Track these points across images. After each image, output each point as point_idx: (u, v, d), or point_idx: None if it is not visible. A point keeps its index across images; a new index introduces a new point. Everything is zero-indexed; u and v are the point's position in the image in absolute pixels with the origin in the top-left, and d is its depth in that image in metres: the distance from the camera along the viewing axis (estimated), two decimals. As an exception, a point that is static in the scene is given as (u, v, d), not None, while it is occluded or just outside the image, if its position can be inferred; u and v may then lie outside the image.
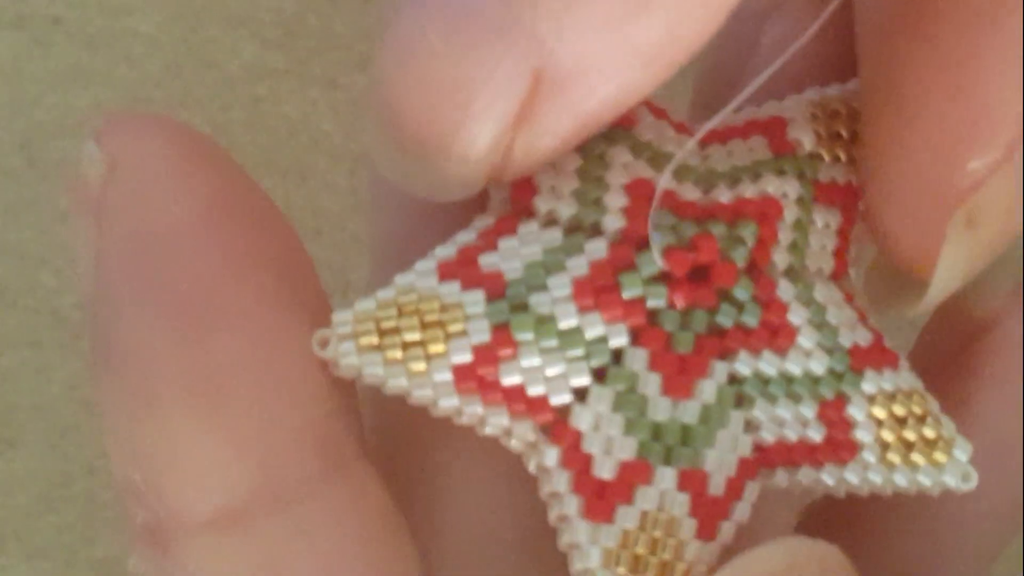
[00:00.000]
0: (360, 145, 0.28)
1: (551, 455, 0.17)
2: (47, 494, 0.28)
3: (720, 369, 0.17)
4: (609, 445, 0.17)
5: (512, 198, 0.17)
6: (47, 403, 0.28)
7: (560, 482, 0.17)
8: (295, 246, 0.17)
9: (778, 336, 0.17)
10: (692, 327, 0.17)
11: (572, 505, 0.17)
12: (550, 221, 0.17)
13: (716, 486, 0.17)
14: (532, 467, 0.17)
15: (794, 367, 0.17)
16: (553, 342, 0.16)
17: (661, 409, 0.17)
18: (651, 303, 0.17)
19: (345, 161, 0.28)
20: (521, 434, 0.17)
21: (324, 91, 0.28)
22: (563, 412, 0.17)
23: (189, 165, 0.16)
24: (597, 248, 0.17)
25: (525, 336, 0.16)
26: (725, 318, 0.17)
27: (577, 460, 0.17)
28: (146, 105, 0.28)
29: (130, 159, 0.16)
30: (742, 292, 0.17)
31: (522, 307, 0.16)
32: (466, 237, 0.17)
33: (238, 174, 0.17)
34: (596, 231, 0.17)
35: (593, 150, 0.17)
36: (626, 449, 0.17)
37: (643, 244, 0.17)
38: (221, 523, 0.16)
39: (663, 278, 0.17)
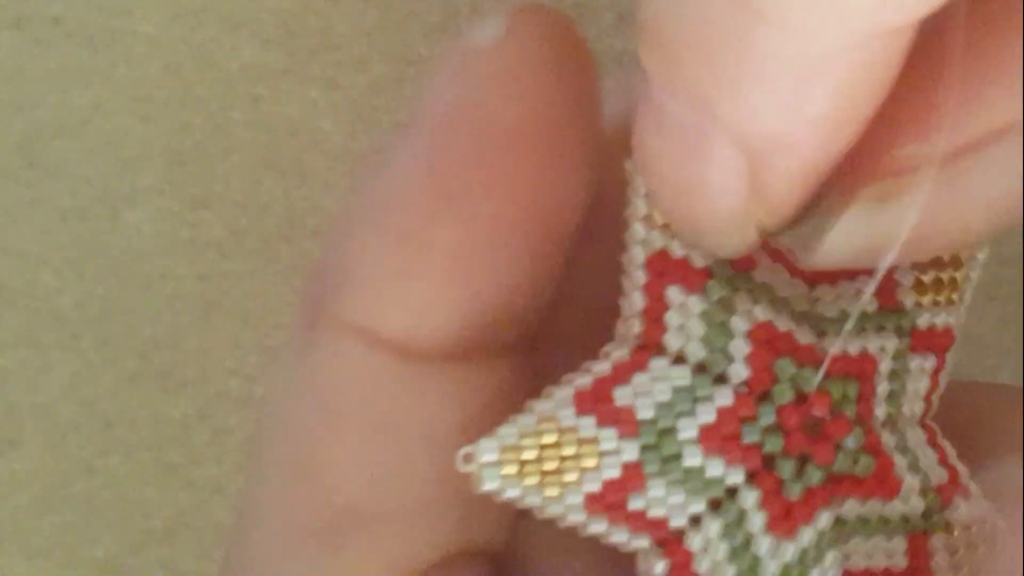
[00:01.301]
0: (360, 145, 0.28)
1: (660, 566, 0.18)
2: (47, 494, 0.28)
3: (825, 517, 0.19)
4: (714, 569, 0.18)
5: (643, 334, 0.19)
6: (47, 403, 0.28)
7: None
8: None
9: (885, 485, 0.19)
10: (805, 480, 0.18)
11: None
12: (679, 359, 0.19)
13: None
14: (641, 571, 0.19)
15: (895, 511, 0.19)
16: (678, 476, 0.18)
17: (763, 545, 0.18)
18: (767, 449, 0.18)
19: (345, 161, 0.28)
20: (638, 544, 0.19)
21: (324, 91, 0.28)
22: (677, 534, 0.18)
23: (555, 72, 0.18)
24: (723, 396, 0.18)
25: (652, 470, 0.18)
26: (840, 470, 0.19)
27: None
28: (146, 105, 0.28)
29: (519, 41, 0.18)
30: (854, 442, 0.19)
31: (652, 447, 0.18)
32: (601, 368, 0.18)
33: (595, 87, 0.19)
34: (722, 378, 0.18)
35: (715, 294, 0.19)
36: (728, 574, 0.18)
37: (764, 394, 0.18)
38: (368, 340, 0.18)
39: (779, 427, 0.18)
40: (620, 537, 0.18)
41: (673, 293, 0.19)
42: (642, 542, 0.18)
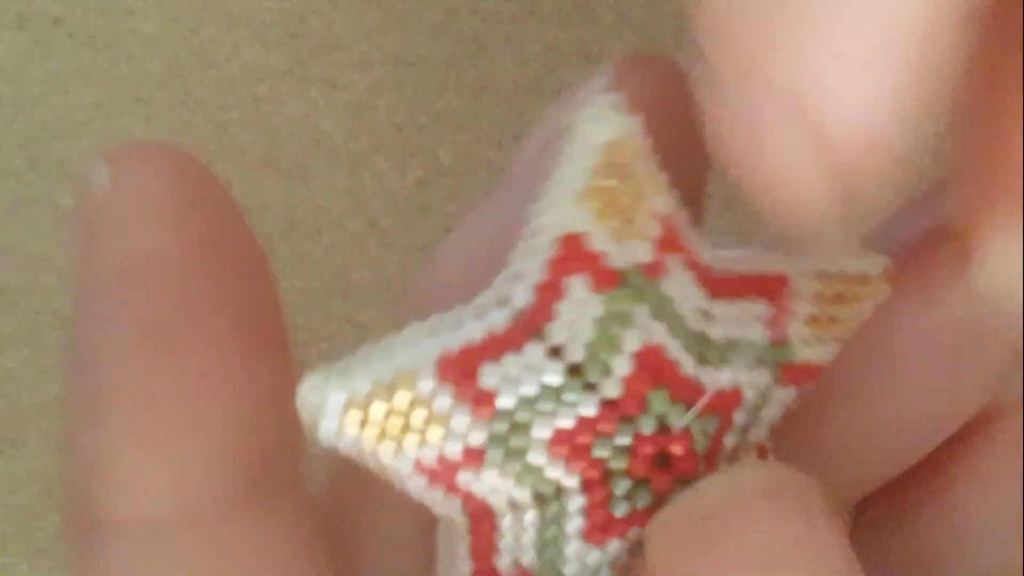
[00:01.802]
0: (360, 145, 0.28)
1: (463, 539, 0.18)
2: (47, 494, 0.28)
3: (636, 532, 0.18)
4: (515, 549, 0.18)
5: (527, 312, 0.17)
6: (48, 403, 0.28)
7: (461, 548, 0.18)
8: (269, 296, 0.18)
9: None
10: (634, 501, 0.18)
11: (463, 568, 0.18)
12: (555, 351, 0.17)
13: None
14: (441, 532, 0.19)
15: None
16: (515, 469, 0.17)
17: (571, 546, 0.18)
18: (610, 465, 0.18)
19: (345, 161, 0.28)
20: (448, 510, 0.18)
21: (324, 91, 0.28)
22: (492, 513, 0.18)
23: (186, 200, 0.17)
24: (588, 406, 0.17)
25: (492, 459, 0.17)
26: (669, 497, 0.18)
27: (486, 545, 0.18)
28: (146, 105, 0.28)
29: (133, 182, 0.17)
30: (693, 479, 0.18)
31: (500, 438, 0.17)
32: (472, 331, 0.17)
33: (233, 217, 0.18)
34: (591, 386, 0.17)
35: (618, 304, 0.17)
36: (530, 561, 0.18)
37: (627, 416, 0.17)
38: (140, 529, 0.17)
39: (630, 449, 0.18)
40: (434, 497, 0.18)
41: (575, 284, 0.17)
42: (453, 509, 0.18)
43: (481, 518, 0.18)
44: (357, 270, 0.28)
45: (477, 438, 0.17)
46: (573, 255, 0.17)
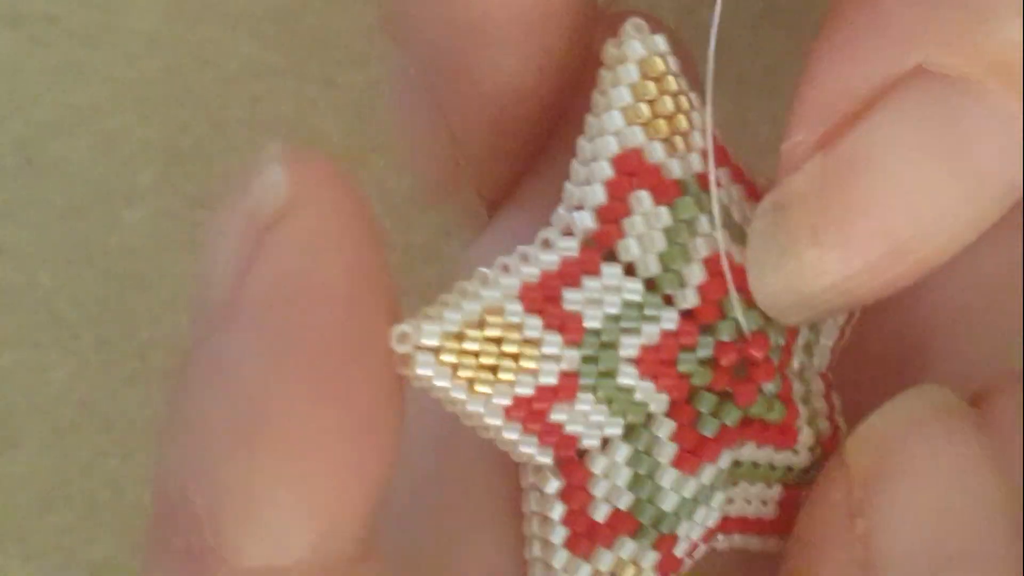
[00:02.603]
0: (358, 144, 0.28)
1: (554, 484, 0.18)
2: (46, 494, 0.28)
3: (727, 456, 0.18)
4: (611, 493, 0.18)
5: (597, 234, 0.18)
6: (46, 403, 0.28)
7: (555, 511, 0.18)
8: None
9: (786, 435, 0.19)
10: (722, 416, 0.18)
11: (559, 535, 0.18)
12: (629, 270, 0.18)
13: (681, 549, 0.18)
14: (526, 484, 0.18)
15: (783, 460, 0.19)
16: (607, 394, 0.17)
17: (667, 477, 0.18)
18: (694, 381, 0.18)
19: (345, 161, 0.28)
20: (541, 460, 0.18)
21: (322, 90, 0.28)
22: (580, 453, 0.18)
23: (358, 229, 0.16)
24: (669, 319, 0.18)
25: (586, 383, 0.17)
26: (754, 413, 0.18)
27: (578, 498, 0.18)
28: (144, 104, 0.28)
29: (312, 199, 0.16)
30: (773, 388, 0.18)
31: (591, 360, 0.17)
32: (548, 260, 0.17)
33: (380, 247, 0.17)
34: (668, 300, 0.18)
35: (684, 212, 0.18)
36: (624, 501, 0.18)
37: (707, 326, 0.18)
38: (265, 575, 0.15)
39: (712, 361, 0.18)
40: (527, 449, 0.18)
41: (639, 199, 0.18)
42: (545, 458, 0.18)
43: (574, 468, 0.18)
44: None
45: (570, 362, 0.17)
46: (633, 171, 0.18)
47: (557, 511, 0.18)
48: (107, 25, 0.28)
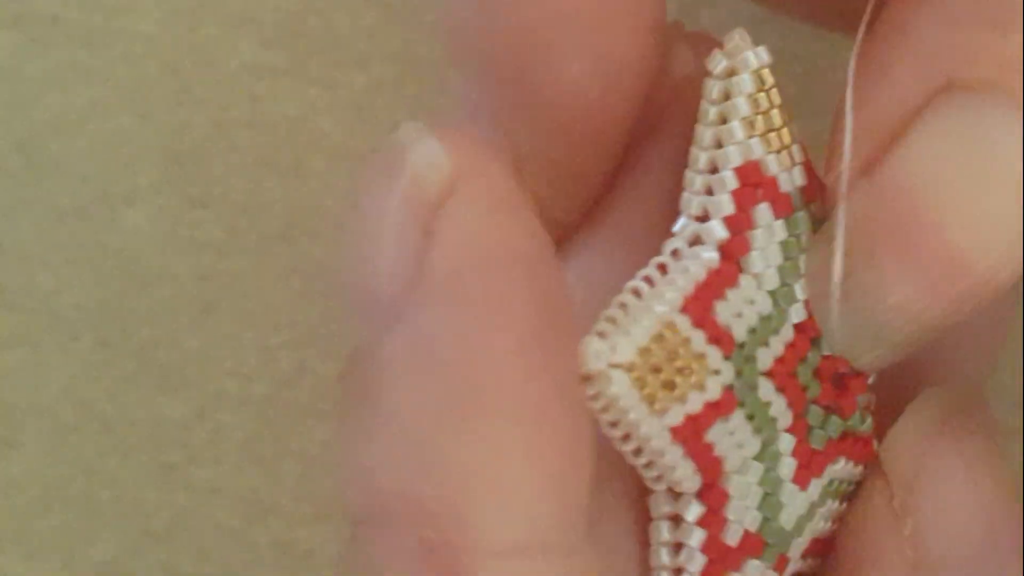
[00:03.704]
0: (359, 144, 0.28)
1: (694, 511, 0.18)
2: (46, 494, 0.28)
3: (828, 472, 0.18)
4: (742, 515, 0.18)
5: (728, 244, 0.18)
6: (46, 403, 0.28)
7: (694, 538, 0.18)
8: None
9: (867, 449, 0.19)
10: (828, 430, 0.18)
11: (697, 563, 0.18)
12: (759, 282, 0.18)
13: (789, 569, 0.18)
14: (658, 513, 0.18)
15: (856, 476, 0.19)
16: (752, 410, 0.17)
17: (787, 493, 0.18)
18: (810, 394, 0.18)
19: (345, 161, 0.28)
20: (688, 487, 0.17)
21: (324, 90, 0.28)
22: (722, 479, 0.18)
23: (518, 189, 0.16)
24: (787, 332, 0.18)
25: (740, 398, 0.17)
26: (853, 425, 0.18)
27: (715, 523, 0.18)
28: (144, 104, 0.28)
29: (475, 171, 0.16)
30: (865, 400, 0.19)
31: (739, 374, 0.17)
32: (698, 271, 0.17)
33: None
34: (784, 314, 0.18)
35: (799, 227, 0.18)
36: (754, 523, 0.18)
37: (816, 340, 0.18)
38: (515, 554, 0.15)
39: (817, 374, 0.18)
40: (683, 473, 0.17)
41: (762, 212, 0.18)
42: (693, 485, 0.17)
43: (712, 492, 0.18)
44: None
45: (727, 375, 0.17)
46: (755, 182, 0.18)
47: (696, 538, 0.18)
48: (107, 25, 0.28)
